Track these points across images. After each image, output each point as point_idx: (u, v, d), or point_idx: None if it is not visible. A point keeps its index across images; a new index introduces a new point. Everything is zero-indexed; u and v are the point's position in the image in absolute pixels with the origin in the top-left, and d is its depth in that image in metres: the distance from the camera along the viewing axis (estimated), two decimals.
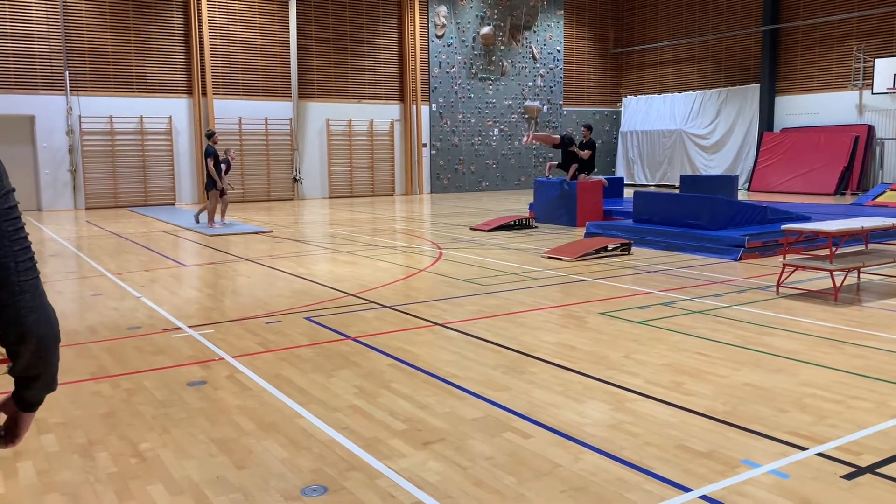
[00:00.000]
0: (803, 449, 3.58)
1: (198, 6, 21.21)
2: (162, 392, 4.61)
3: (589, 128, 15.00)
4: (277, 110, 22.76)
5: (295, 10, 22.37)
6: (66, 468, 3.52)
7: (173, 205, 21.23)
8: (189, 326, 6.34)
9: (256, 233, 13.72)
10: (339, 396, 4.47)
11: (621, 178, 17.73)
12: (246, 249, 11.40)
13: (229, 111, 22.00)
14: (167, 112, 21.22)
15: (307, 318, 6.60)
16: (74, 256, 10.97)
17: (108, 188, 20.65)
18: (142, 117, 20.84)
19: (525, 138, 15.91)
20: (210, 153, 14.04)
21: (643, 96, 28.77)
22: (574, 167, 14.47)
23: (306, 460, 3.55)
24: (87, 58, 20.05)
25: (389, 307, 7.03)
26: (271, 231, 13.98)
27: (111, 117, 20.41)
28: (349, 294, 7.70)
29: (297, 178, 23.25)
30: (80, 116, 20.00)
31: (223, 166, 14.66)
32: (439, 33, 25.28)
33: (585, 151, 14.42)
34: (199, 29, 21.27)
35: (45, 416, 4.21)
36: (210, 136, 14.41)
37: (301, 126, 23.12)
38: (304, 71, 23.06)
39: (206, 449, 3.71)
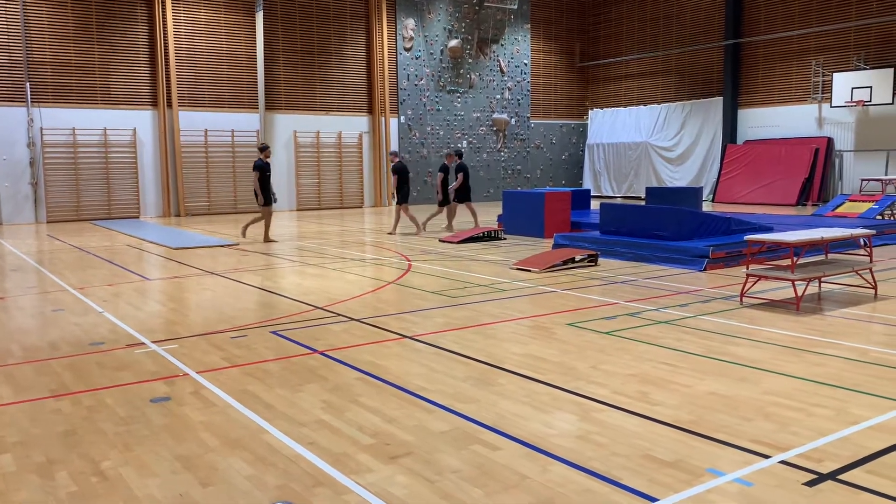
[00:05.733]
0: (767, 457, 3.63)
1: (163, 17, 21.03)
2: (124, 409, 4.52)
3: (458, 154, 15.97)
4: (244, 122, 22.62)
5: (262, 22, 22.28)
6: (23, 488, 3.43)
7: (138, 218, 20.94)
8: (153, 342, 6.25)
9: (222, 246, 13.58)
10: (306, 411, 4.43)
11: (588, 190, 17.88)
12: (212, 263, 11.27)
13: (195, 123, 21.81)
14: (131, 124, 20.96)
15: (274, 332, 6.54)
16: (35, 271, 10.75)
17: (71, 201, 20.31)
18: (105, 129, 20.57)
19: None
20: (258, 166, 13.81)
21: (609, 109, 29.13)
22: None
23: (272, 476, 3.51)
24: (49, 69, 19.75)
25: (358, 320, 6.99)
26: (237, 244, 13.84)
27: (74, 129, 20.10)
28: (317, 307, 7.65)
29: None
30: (41, 128, 19.67)
31: (440, 174, 15.46)
32: (407, 46, 25.36)
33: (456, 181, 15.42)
34: (163, 40, 21.08)
35: (1, 434, 4.11)
36: (263, 149, 14.15)
37: (268, 138, 22.97)
38: (272, 82, 22.95)
39: (169, 466, 3.65)
